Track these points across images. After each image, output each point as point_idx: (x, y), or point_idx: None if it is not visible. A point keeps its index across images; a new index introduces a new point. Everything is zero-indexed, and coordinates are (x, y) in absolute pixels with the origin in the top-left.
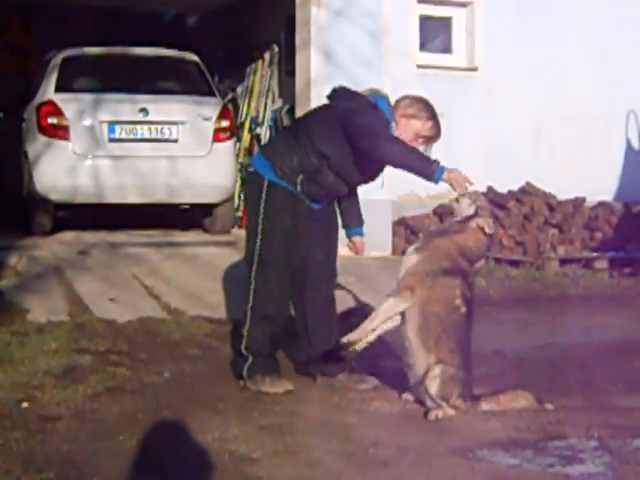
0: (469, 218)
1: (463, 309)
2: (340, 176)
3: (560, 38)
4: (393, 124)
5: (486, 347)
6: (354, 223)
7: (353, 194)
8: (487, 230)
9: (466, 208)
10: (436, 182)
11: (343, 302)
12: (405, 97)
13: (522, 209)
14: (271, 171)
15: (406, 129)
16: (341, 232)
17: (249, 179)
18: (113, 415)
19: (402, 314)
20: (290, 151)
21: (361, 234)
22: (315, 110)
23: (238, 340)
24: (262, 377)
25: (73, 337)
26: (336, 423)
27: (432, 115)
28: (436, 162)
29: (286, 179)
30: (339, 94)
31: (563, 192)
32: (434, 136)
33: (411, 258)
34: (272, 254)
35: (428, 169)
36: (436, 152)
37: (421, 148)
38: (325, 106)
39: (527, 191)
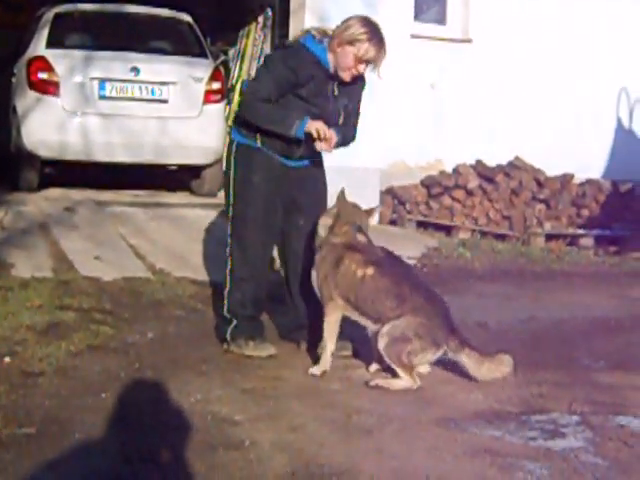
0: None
1: (369, 271)
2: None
3: (554, 12)
4: (329, 55)
5: (470, 319)
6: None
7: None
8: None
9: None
10: (298, 135)
11: None
12: (342, 22)
13: (510, 183)
14: (237, 133)
15: (344, 55)
16: None
17: (227, 148)
18: (95, 373)
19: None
20: None
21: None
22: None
23: (221, 303)
24: (245, 341)
25: (57, 294)
26: (320, 389)
27: (371, 35)
28: (298, 121)
29: (249, 137)
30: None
31: (552, 168)
32: (375, 57)
33: (313, 272)
34: (246, 215)
35: (289, 131)
36: (427, 123)
37: (363, 68)
38: None
39: (516, 165)
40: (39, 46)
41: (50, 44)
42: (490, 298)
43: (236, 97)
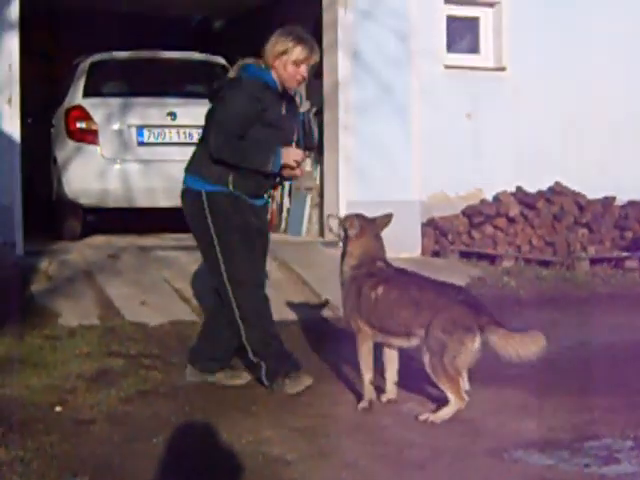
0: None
1: (379, 290)
2: None
3: (589, 37)
4: (272, 73)
5: None
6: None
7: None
8: (352, 232)
9: (334, 227)
10: (274, 169)
11: None
12: (268, 40)
13: (551, 209)
14: (204, 182)
15: (284, 67)
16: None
17: (186, 199)
18: (146, 418)
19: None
20: (210, 157)
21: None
22: (207, 114)
23: (245, 352)
24: (283, 380)
25: (104, 341)
26: (370, 425)
27: (298, 38)
28: (273, 155)
29: (219, 183)
30: (215, 89)
31: (593, 191)
32: (310, 55)
33: (342, 310)
34: (238, 259)
35: (265, 166)
36: (465, 153)
37: (304, 70)
38: (211, 102)
39: (556, 191)
40: (76, 96)
41: (87, 93)
42: (537, 325)
43: None
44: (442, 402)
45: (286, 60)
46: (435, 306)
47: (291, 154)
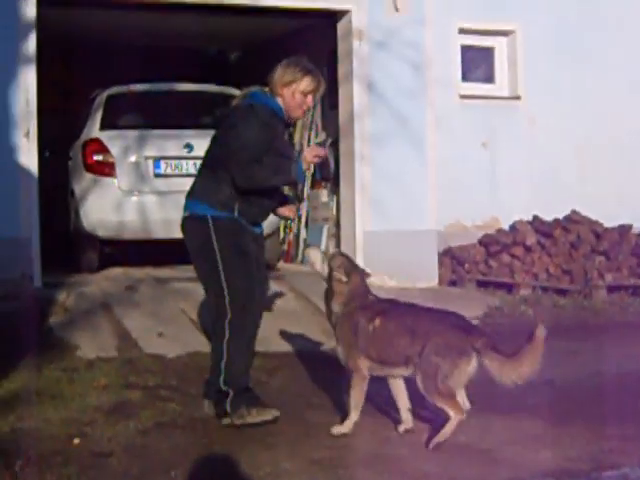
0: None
1: (377, 322)
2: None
3: (603, 65)
4: (279, 100)
5: (536, 377)
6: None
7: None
8: (341, 279)
9: (317, 262)
10: (301, 180)
11: None
12: (274, 70)
13: (568, 237)
14: (210, 208)
15: (292, 96)
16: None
17: (189, 225)
18: (164, 450)
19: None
20: (216, 184)
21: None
22: (213, 139)
23: (216, 376)
24: (247, 409)
25: (122, 373)
26: (388, 455)
27: (306, 70)
28: (294, 163)
29: (225, 209)
30: (222, 115)
31: (609, 219)
32: (318, 86)
33: (338, 350)
34: (243, 284)
35: (290, 179)
36: (481, 182)
37: (310, 100)
38: (219, 128)
39: (573, 219)
40: (93, 128)
41: (104, 126)
42: (555, 354)
43: None
44: (459, 430)
45: (294, 89)
46: (429, 332)
47: (312, 151)
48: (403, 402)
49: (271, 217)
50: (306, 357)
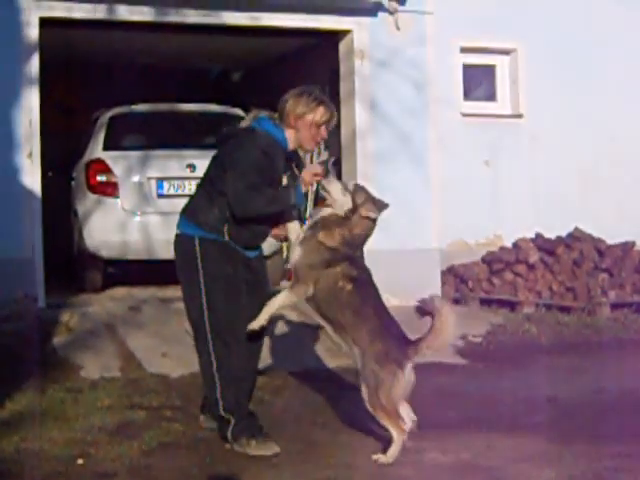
0: (353, 211)
1: (349, 286)
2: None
3: (605, 83)
4: (287, 133)
5: (539, 394)
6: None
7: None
8: (372, 216)
9: (340, 197)
10: (300, 202)
11: None
12: (285, 101)
13: (571, 255)
14: (198, 228)
15: (305, 127)
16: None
17: (177, 244)
18: (168, 470)
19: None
20: (209, 204)
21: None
22: (213, 159)
23: (215, 404)
24: (247, 440)
25: (126, 393)
26: (391, 475)
27: (319, 100)
28: (291, 188)
29: (214, 231)
30: (225, 135)
31: (612, 236)
32: (331, 117)
33: (296, 250)
34: (225, 308)
35: (289, 200)
36: (484, 200)
37: (324, 130)
38: (220, 149)
39: (576, 236)
40: (96, 149)
41: (107, 146)
42: (558, 372)
43: None
44: (463, 448)
45: (309, 121)
46: (374, 333)
47: (310, 171)
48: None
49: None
50: (310, 376)
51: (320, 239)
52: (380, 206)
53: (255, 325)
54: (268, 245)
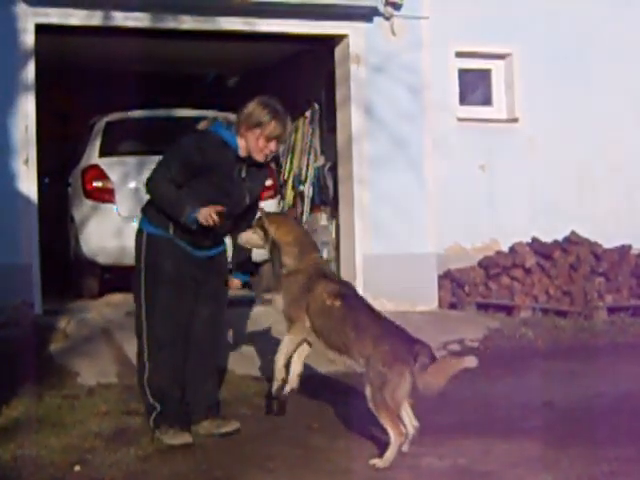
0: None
1: (337, 303)
2: None
3: (600, 86)
4: (238, 139)
5: (536, 398)
6: (240, 271)
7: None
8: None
9: (253, 236)
10: (189, 223)
11: None
12: (244, 107)
13: (568, 259)
14: (147, 223)
15: (254, 138)
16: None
17: (135, 238)
18: (164, 476)
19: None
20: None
21: (241, 278)
22: None
23: (142, 390)
24: (166, 428)
25: (123, 399)
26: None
27: (273, 114)
28: (190, 207)
29: (161, 227)
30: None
31: (608, 240)
32: (282, 133)
33: (277, 299)
34: (159, 301)
35: (180, 216)
36: (480, 204)
37: (274, 146)
38: None
39: (572, 240)
40: (92, 155)
41: (103, 152)
42: (555, 376)
43: (289, 192)
44: (459, 453)
45: (259, 134)
46: (379, 336)
47: (206, 213)
48: (297, 368)
49: None
50: (304, 381)
51: (283, 273)
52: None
53: (275, 387)
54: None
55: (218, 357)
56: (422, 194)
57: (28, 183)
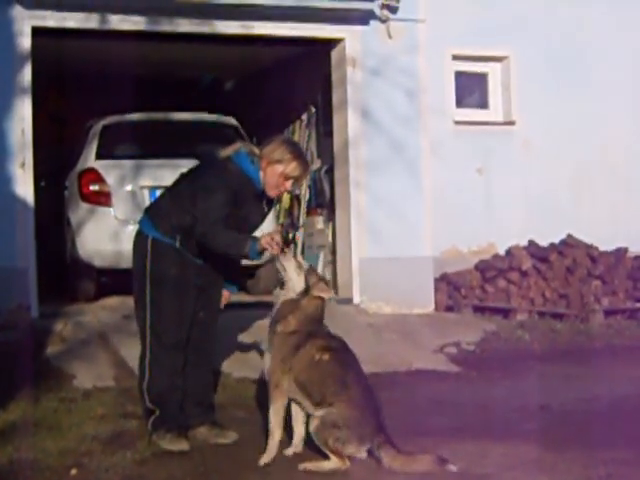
0: (306, 291)
1: (326, 356)
2: None
3: (597, 89)
4: (260, 173)
5: (532, 402)
6: (230, 282)
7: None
8: (326, 296)
9: (294, 276)
10: (253, 257)
11: (384, 358)
12: (269, 142)
13: (564, 261)
14: (154, 229)
15: (273, 174)
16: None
17: (135, 240)
18: None
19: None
20: (169, 211)
21: (231, 290)
22: (191, 172)
23: (141, 395)
24: (164, 433)
25: (119, 402)
26: None
27: (296, 155)
28: (250, 240)
29: (168, 236)
30: (205, 157)
31: (605, 243)
32: (301, 175)
33: (266, 359)
34: (165, 306)
35: (243, 253)
36: (477, 207)
37: (289, 185)
38: (196, 167)
39: (568, 243)
40: (89, 158)
41: (100, 156)
42: (551, 379)
43: (285, 195)
44: (456, 456)
45: (278, 170)
46: (355, 400)
47: (268, 241)
48: (300, 430)
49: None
50: None
51: (279, 330)
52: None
53: (266, 458)
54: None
55: (213, 362)
56: (419, 197)
57: (25, 186)
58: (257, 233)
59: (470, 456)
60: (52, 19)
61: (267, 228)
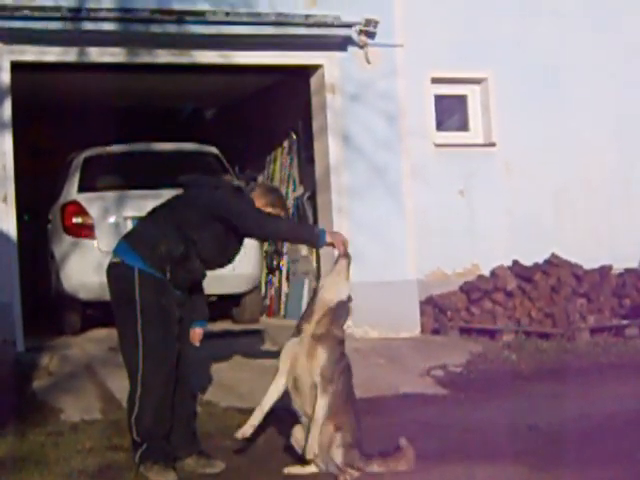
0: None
1: (348, 375)
2: (204, 261)
3: (575, 108)
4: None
5: (520, 422)
6: (199, 317)
7: (201, 285)
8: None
9: (346, 282)
10: (320, 245)
11: (371, 383)
12: (257, 186)
13: (549, 281)
14: (140, 261)
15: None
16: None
17: (117, 271)
18: None
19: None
20: (157, 240)
21: (202, 325)
22: (175, 199)
23: (129, 428)
24: (151, 464)
25: (107, 435)
26: None
27: (282, 204)
28: (317, 229)
29: (154, 267)
30: (201, 182)
31: (589, 261)
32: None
33: (321, 352)
34: (158, 338)
35: (313, 237)
36: (460, 229)
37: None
38: (184, 195)
39: (553, 262)
40: (71, 191)
41: (82, 188)
42: (539, 399)
43: None
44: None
45: (262, 202)
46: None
47: (342, 239)
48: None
49: (251, 271)
50: (291, 412)
51: (335, 334)
52: None
53: (309, 455)
54: (245, 282)
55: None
56: (402, 221)
57: (7, 221)
58: (237, 259)
59: (458, 477)
60: (31, 53)
61: (252, 256)
